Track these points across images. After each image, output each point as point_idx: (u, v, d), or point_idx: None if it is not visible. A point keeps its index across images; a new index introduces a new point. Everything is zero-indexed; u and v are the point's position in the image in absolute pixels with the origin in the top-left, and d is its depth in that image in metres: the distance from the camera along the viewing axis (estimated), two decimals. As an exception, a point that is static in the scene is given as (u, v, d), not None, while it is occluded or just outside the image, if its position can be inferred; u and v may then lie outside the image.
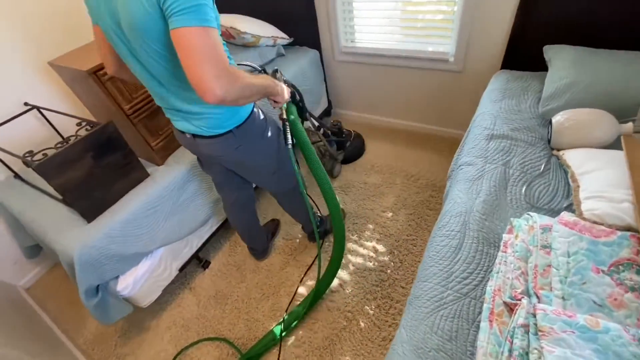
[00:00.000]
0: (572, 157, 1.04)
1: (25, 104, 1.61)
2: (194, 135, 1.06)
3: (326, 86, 2.38)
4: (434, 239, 1.02)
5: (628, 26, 1.30)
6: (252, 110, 1.10)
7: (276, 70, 1.23)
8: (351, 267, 1.63)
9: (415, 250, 1.63)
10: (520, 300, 0.72)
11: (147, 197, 1.41)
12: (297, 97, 1.36)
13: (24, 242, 1.71)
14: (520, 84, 1.48)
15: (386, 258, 1.63)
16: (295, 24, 2.11)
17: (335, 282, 1.58)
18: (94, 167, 1.28)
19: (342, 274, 1.61)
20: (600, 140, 1.06)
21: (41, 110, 1.61)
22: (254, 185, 1.56)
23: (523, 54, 1.57)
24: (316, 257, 1.65)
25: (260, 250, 1.73)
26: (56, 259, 1.94)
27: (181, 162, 1.55)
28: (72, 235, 1.27)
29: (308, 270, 1.66)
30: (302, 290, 1.59)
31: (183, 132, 1.08)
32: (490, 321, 0.74)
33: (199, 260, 1.78)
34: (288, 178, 1.31)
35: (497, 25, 1.60)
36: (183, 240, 1.61)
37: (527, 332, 0.66)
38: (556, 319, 0.64)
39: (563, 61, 1.30)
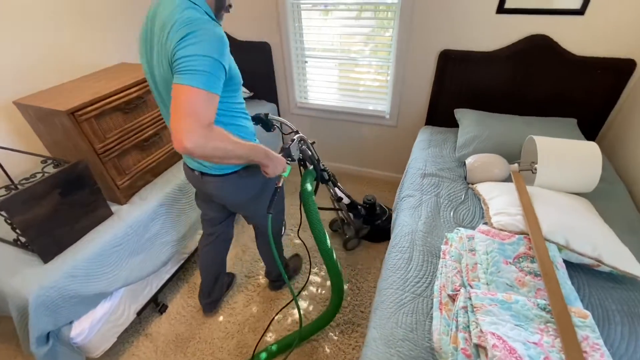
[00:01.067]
0: (482, 189, 1.39)
1: (-29, 142, 1.52)
2: (202, 173, 1.15)
3: (282, 135, 2.63)
4: (389, 255, 1.24)
5: (510, 97, 1.83)
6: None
7: (301, 139, 1.30)
8: (315, 298, 1.73)
9: (369, 278, 1.82)
10: (459, 290, 0.95)
11: (112, 235, 1.40)
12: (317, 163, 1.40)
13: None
14: (441, 137, 1.90)
15: (345, 287, 1.78)
16: (256, 81, 2.39)
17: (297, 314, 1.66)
18: (59, 205, 1.27)
19: (305, 304, 1.71)
20: (499, 176, 1.44)
21: (-10, 148, 1.53)
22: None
23: (440, 114, 2.04)
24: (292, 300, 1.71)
25: (213, 301, 1.67)
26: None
27: (147, 200, 1.58)
28: (26, 276, 1.20)
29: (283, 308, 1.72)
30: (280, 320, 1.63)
31: (192, 170, 1.17)
32: (440, 310, 0.95)
33: (155, 304, 1.71)
34: (279, 218, 1.44)
35: (419, 92, 2.07)
36: (143, 281, 1.57)
37: (467, 312, 0.88)
38: (484, 298, 0.88)
39: (468, 120, 1.75)
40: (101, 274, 1.33)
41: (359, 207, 1.89)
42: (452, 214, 1.35)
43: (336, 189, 1.70)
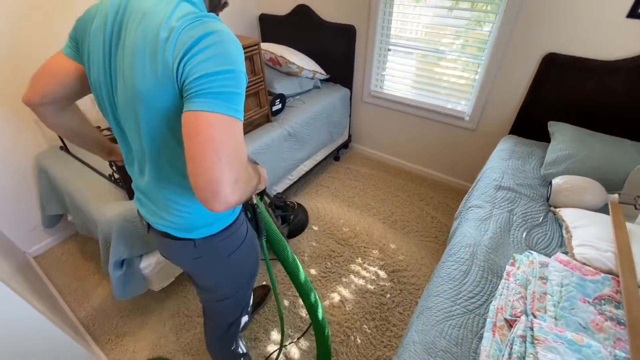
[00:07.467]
0: (567, 214, 1.23)
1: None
2: (151, 228, 0.86)
3: (350, 121, 2.62)
4: (444, 263, 1.17)
5: (623, 117, 1.57)
6: (235, 221, 0.86)
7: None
8: (353, 287, 1.73)
9: (414, 281, 1.75)
10: (519, 317, 0.87)
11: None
12: None
13: (49, 210, 1.78)
14: (526, 149, 1.71)
15: (387, 284, 1.75)
16: (334, 64, 2.39)
17: (336, 298, 1.68)
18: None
19: (344, 291, 1.72)
20: (590, 204, 1.26)
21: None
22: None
23: (530, 124, 1.83)
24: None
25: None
26: (71, 232, 2.02)
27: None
28: (114, 208, 1.38)
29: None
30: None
31: (149, 226, 0.86)
32: (493, 332, 0.87)
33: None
34: (236, 309, 1.07)
35: (510, 98, 1.87)
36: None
37: (525, 341, 0.80)
38: (549, 332, 0.79)
39: (564, 136, 1.54)
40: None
41: (277, 207, 1.87)
42: (524, 235, 1.22)
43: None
